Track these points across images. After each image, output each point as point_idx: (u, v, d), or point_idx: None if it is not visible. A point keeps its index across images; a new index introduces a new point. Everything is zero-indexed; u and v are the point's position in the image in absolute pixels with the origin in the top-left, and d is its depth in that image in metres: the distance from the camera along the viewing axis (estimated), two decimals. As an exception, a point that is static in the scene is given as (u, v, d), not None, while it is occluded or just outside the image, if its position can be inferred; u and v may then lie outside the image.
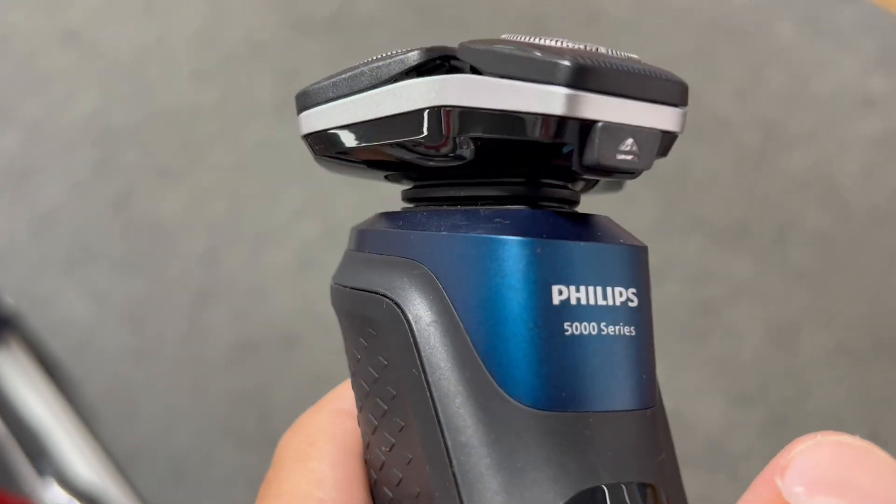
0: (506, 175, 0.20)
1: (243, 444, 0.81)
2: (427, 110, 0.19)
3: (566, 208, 0.21)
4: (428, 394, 0.19)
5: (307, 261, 0.84)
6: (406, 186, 0.23)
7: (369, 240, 0.21)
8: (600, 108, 0.18)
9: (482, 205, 0.20)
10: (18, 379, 0.57)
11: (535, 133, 0.18)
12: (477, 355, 0.18)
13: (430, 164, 0.20)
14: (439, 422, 0.18)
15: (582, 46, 0.19)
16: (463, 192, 0.21)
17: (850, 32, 0.89)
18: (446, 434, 0.18)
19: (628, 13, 0.91)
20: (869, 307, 0.80)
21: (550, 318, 0.18)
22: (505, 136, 0.18)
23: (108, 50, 0.94)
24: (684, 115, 0.19)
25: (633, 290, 0.19)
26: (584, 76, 0.17)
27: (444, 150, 0.19)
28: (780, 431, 0.77)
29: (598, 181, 0.22)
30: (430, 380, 0.19)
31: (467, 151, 0.19)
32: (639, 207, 0.82)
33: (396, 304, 0.19)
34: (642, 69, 0.18)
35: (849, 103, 0.87)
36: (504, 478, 0.18)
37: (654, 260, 0.22)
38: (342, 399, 0.22)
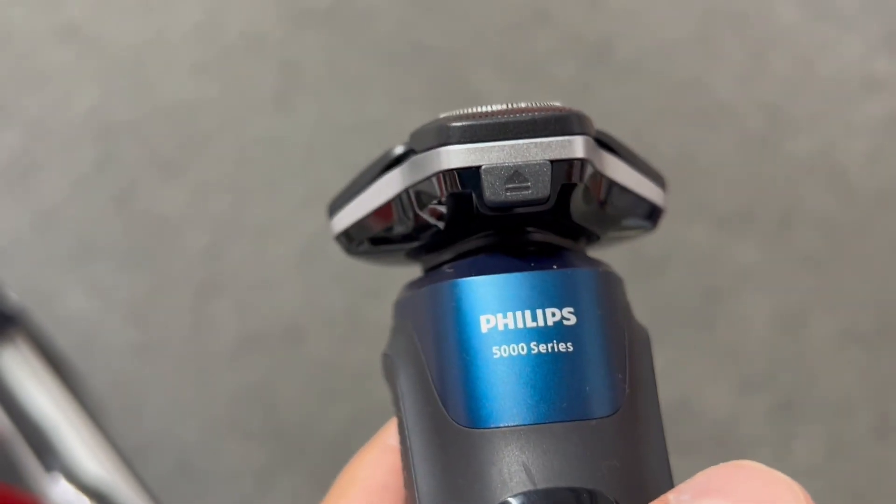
0: (473, 232, 0.23)
1: (250, 437, 0.81)
2: (398, 196, 0.22)
3: (527, 235, 0.23)
4: (406, 432, 0.21)
5: (311, 254, 0.84)
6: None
7: (395, 309, 0.24)
8: (479, 154, 0.20)
9: (458, 258, 0.23)
10: (24, 375, 0.57)
11: (439, 190, 0.21)
12: (434, 389, 0.21)
13: (427, 238, 0.23)
14: (412, 452, 0.21)
15: (497, 107, 0.21)
16: (446, 255, 0.24)
17: (854, 14, 0.89)
18: (414, 461, 0.21)
19: (629, -1, 0.91)
20: (876, 292, 0.80)
21: (480, 345, 0.20)
22: (433, 204, 0.21)
23: (107, 45, 0.93)
24: (583, 143, 0.21)
25: (570, 309, 0.21)
26: (465, 132, 0.20)
27: (423, 225, 0.22)
28: (788, 417, 0.77)
29: (598, 238, 0.25)
30: (407, 418, 0.22)
31: (435, 221, 0.22)
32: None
33: (394, 366, 0.23)
34: (521, 115, 0.21)
35: (854, 86, 0.87)
36: (446, 496, 0.20)
37: (658, 247, 0.22)
38: (391, 434, 0.24)
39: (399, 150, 0.23)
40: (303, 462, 0.80)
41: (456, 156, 0.20)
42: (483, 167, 0.20)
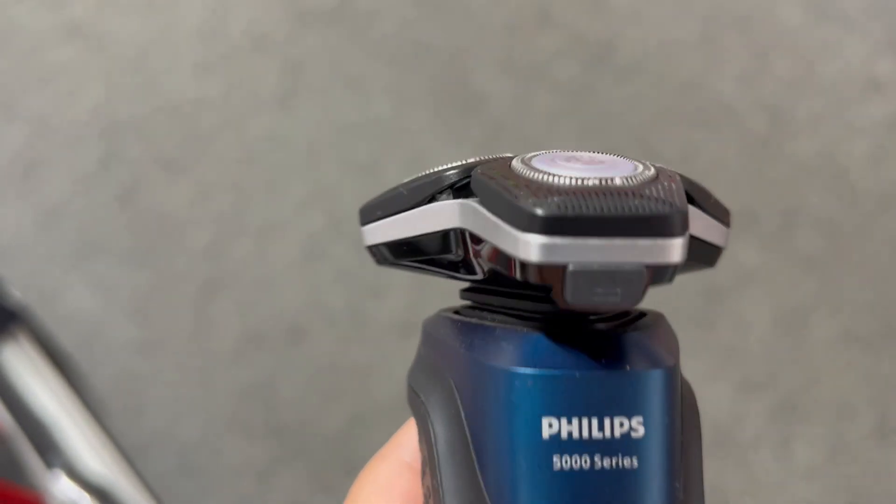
0: (530, 289, 0.21)
1: (251, 435, 0.81)
2: (451, 231, 0.20)
3: (591, 324, 0.21)
4: (441, 498, 0.20)
5: (313, 253, 0.84)
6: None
7: (427, 338, 0.23)
8: (567, 252, 0.18)
9: (509, 315, 0.21)
10: (27, 372, 0.57)
11: (517, 272, 0.18)
12: (481, 480, 0.19)
13: (463, 276, 0.22)
14: None
15: (587, 175, 0.19)
16: (495, 301, 0.22)
17: (857, 16, 0.89)
18: None
19: (632, 1, 0.91)
20: (877, 293, 0.80)
21: (539, 451, 0.19)
22: (499, 269, 0.19)
23: (111, 43, 0.94)
24: (682, 245, 0.18)
25: (639, 419, 0.19)
26: (553, 224, 0.18)
27: (467, 267, 0.21)
28: (789, 418, 0.77)
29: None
30: (444, 489, 0.20)
31: (485, 269, 0.20)
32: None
33: (427, 411, 0.21)
34: (624, 205, 0.18)
35: (855, 87, 0.87)
36: None
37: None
38: (403, 448, 0.24)
39: (452, 175, 0.21)
40: (304, 460, 0.80)
41: (541, 250, 0.18)
42: (570, 269, 0.18)
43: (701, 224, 0.21)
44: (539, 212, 0.18)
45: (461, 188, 0.21)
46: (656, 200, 0.18)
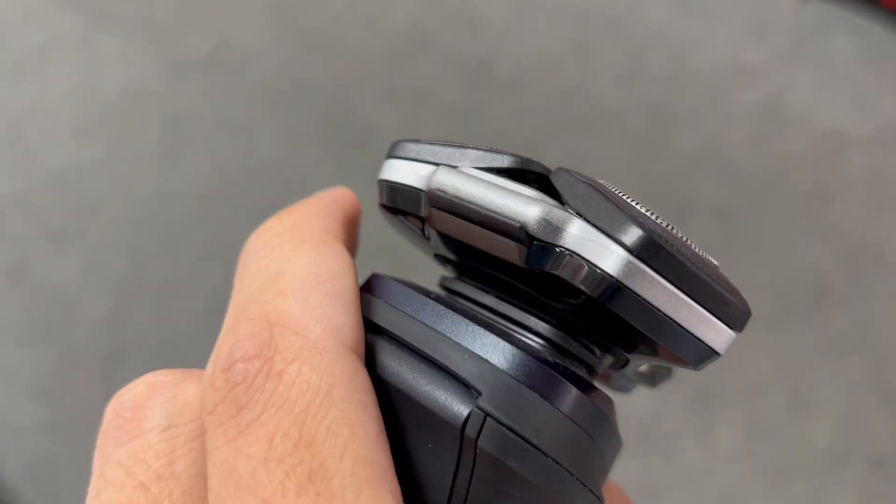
0: (546, 308, 0.20)
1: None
2: (519, 225, 0.19)
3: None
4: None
5: (216, 308, 0.83)
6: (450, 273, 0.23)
7: (607, 434, 0.21)
8: (649, 286, 0.17)
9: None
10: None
11: (580, 279, 0.18)
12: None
13: (503, 271, 0.20)
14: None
15: (676, 233, 0.18)
16: (498, 306, 0.21)
17: (719, 8, 0.92)
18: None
19: (504, 16, 0.92)
20: (773, 272, 0.83)
21: None
22: (556, 272, 0.18)
23: (-20, 118, 0.90)
24: (731, 339, 0.19)
25: None
26: (651, 249, 0.17)
27: (518, 263, 0.19)
28: (706, 405, 0.79)
29: (627, 363, 0.22)
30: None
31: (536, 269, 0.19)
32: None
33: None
34: (711, 276, 0.18)
35: (728, 77, 0.90)
36: None
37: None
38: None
39: (538, 168, 0.20)
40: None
41: (622, 267, 0.17)
42: (631, 293, 0.17)
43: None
44: (640, 230, 0.17)
45: (520, 179, 0.20)
46: (732, 291, 0.18)
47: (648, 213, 0.19)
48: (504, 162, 0.21)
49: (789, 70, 0.90)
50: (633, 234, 0.17)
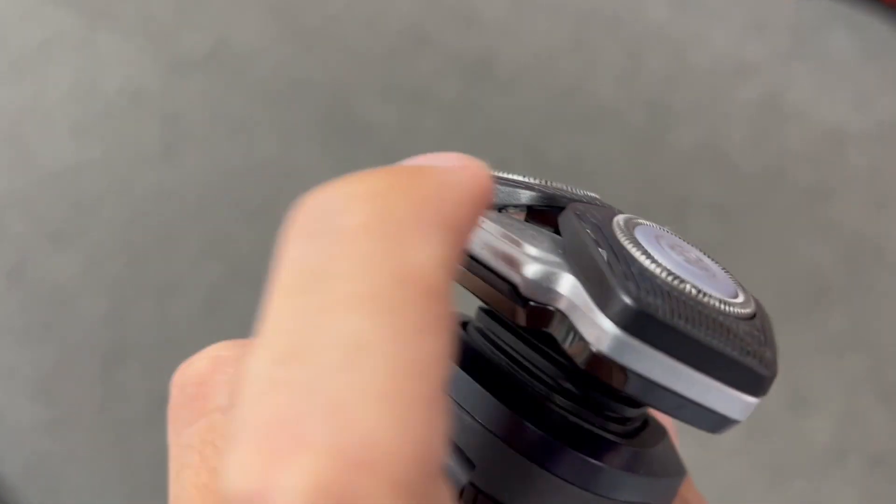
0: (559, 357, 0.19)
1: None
2: (510, 286, 0.18)
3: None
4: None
5: (214, 306, 0.83)
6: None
7: (635, 492, 0.19)
8: (641, 360, 0.15)
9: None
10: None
11: (568, 346, 0.16)
12: None
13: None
14: None
15: (686, 277, 0.17)
16: (515, 345, 0.19)
17: (718, 5, 0.92)
18: None
19: (503, 14, 0.92)
20: (772, 270, 0.82)
21: None
22: (552, 332, 0.17)
23: (-20, 117, 0.90)
24: (750, 406, 0.17)
25: None
26: (640, 322, 0.15)
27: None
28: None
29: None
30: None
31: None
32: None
33: None
34: (724, 337, 0.16)
35: (727, 74, 0.90)
36: None
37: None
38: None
39: (562, 202, 0.18)
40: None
41: (610, 343, 0.15)
42: (630, 373, 0.16)
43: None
44: (628, 301, 0.15)
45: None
46: (752, 353, 0.16)
47: (666, 257, 0.17)
48: (524, 199, 0.19)
49: (788, 67, 0.90)
50: (618, 306, 0.15)
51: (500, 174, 0.19)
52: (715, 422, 0.17)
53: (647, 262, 0.17)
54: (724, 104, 0.89)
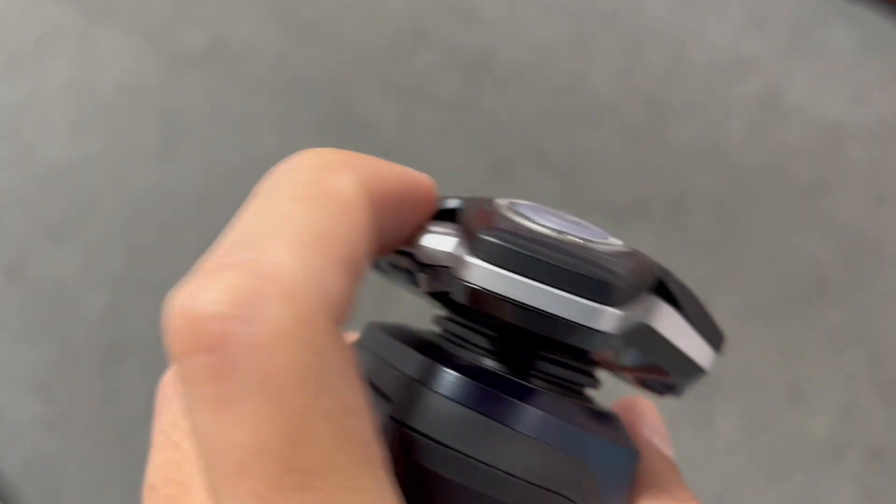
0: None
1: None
2: (412, 253, 0.22)
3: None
4: None
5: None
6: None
7: (539, 424, 0.20)
8: (501, 284, 0.19)
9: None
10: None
11: (459, 298, 0.19)
12: None
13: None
14: None
15: (552, 225, 0.20)
16: (451, 327, 0.23)
17: (716, 0, 0.92)
18: None
19: (502, 9, 0.92)
20: (769, 265, 0.83)
21: None
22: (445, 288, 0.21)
23: (-22, 114, 0.90)
24: (606, 313, 0.18)
25: None
26: (494, 250, 0.19)
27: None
28: (705, 397, 0.79)
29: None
30: None
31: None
32: (536, 196, 0.83)
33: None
34: (570, 257, 0.18)
35: (725, 69, 0.90)
36: None
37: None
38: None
39: (453, 203, 0.21)
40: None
41: (477, 274, 0.19)
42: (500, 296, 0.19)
43: (679, 331, 0.21)
44: (487, 237, 0.19)
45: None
46: (602, 267, 0.18)
47: (535, 214, 0.20)
48: (451, 204, 0.22)
49: (787, 62, 0.90)
50: (478, 243, 0.19)
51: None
52: (585, 336, 0.19)
53: (511, 216, 0.20)
54: (723, 100, 0.89)
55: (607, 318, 0.18)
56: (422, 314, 0.29)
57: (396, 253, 0.22)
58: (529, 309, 0.18)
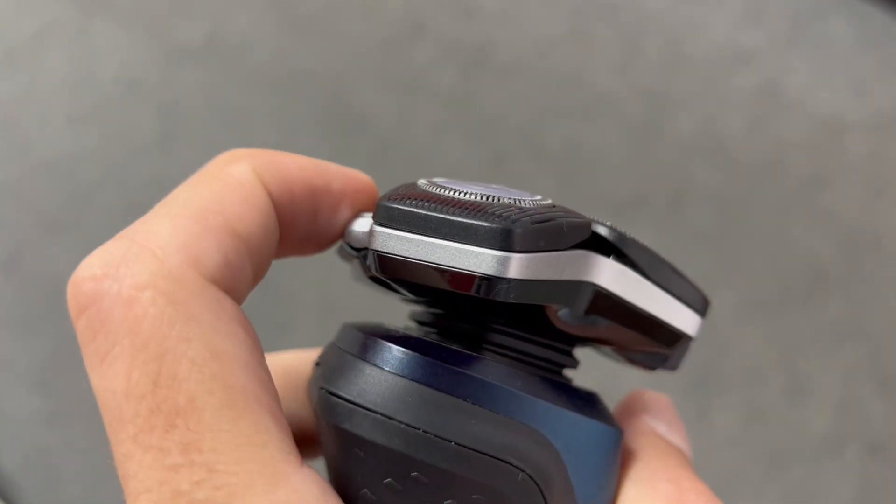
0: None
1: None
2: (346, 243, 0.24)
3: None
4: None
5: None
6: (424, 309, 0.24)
7: (475, 389, 0.20)
8: (400, 243, 0.19)
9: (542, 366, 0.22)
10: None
11: (373, 269, 0.20)
12: None
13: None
14: None
15: (464, 190, 0.20)
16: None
17: (716, -7, 0.91)
18: None
19: (501, 2, 0.92)
20: (769, 258, 0.82)
21: None
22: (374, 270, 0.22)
23: (-26, 107, 0.90)
24: (500, 258, 0.18)
25: None
26: (391, 214, 0.19)
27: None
28: (704, 391, 0.79)
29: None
30: None
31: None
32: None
33: (536, 484, 0.19)
34: (465, 211, 0.18)
35: (724, 62, 0.90)
36: None
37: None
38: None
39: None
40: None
41: (376, 238, 0.19)
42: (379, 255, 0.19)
43: (635, 289, 0.21)
44: (384, 203, 0.19)
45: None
46: (494, 216, 0.18)
47: (452, 184, 0.20)
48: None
49: (786, 55, 0.90)
50: (377, 210, 0.20)
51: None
52: (484, 286, 0.18)
53: (427, 188, 0.20)
54: (722, 92, 0.88)
55: (502, 263, 0.18)
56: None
57: (350, 248, 0.23)
58: (429, 265, 0.18)
